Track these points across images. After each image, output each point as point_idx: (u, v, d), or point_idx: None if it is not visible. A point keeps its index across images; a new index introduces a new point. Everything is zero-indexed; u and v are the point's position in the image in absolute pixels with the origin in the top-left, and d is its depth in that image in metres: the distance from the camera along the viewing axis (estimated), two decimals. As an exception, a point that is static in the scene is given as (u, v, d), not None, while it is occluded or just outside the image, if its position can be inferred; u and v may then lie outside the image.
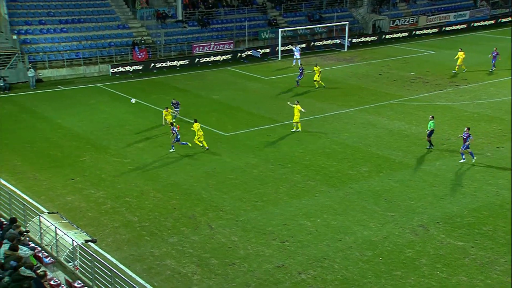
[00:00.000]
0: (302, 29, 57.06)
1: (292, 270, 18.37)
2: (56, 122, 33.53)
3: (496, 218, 21.63)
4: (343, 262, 18.76)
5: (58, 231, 16.69)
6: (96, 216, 22.08)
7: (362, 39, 58.78)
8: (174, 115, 32.36)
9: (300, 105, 31.11)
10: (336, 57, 52.46)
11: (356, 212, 22.25)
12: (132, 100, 28.56)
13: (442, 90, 40.10)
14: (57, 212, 19.83)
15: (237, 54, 51.39)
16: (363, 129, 31.98)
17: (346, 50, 55.06)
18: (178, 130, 28.08)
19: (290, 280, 17.86)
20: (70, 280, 15.18)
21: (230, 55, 51.07)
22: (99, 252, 18.90)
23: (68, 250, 16.54)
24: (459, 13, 67.30)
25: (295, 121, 31.20)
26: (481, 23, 67.26)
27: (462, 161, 26.81)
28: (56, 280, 14.61)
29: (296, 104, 31.19)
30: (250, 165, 26.95)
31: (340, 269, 18.40)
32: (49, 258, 16.16)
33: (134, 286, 14.01)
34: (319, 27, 57.93)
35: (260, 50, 52.38)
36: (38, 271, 13.78)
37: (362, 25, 61.94)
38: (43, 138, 30.79)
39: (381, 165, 26.79)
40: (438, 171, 26.16)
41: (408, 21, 63.94)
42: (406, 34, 61.76)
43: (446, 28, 64.66)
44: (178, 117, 32.76)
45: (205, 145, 28.55)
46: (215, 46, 51.50)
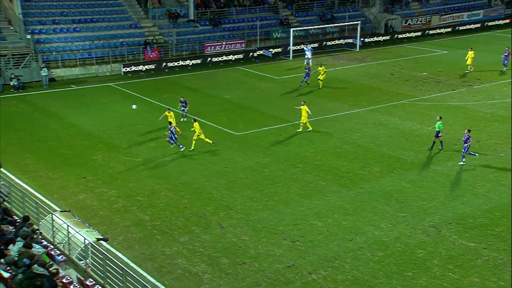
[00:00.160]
0: (314, 28, 56.93)
1: (302, 270, 18.35)
2: (69, 121, 33.76)
3: (509, 219, 21.43)
4: (353, 262, 18.71)
5: (70, 230, 16.76)
6: (108, 214, 22.19)
7: (375, 38, 58.56)
8: (184, 113, 32.39)
9: (306, 106, 31.20)
10: (347, 56, 52.29)
11: (367, 212, 22.18)
12: (133, 106, 28.69)
13: (454, 90, 39.85)
14: (69, 211, 19.88)
15: (248, 54, 51.42)
16: (374, 129, 31.87)
17: (357, 49, 54.87)
18: (177, 133, 28.28)
19: (301, 280, 17.84)
20: (82, 278, 15.22)
21: (241, 54, 51.10)
22: (110, 250, 19.02)
23: (80, 248, 16.61)
24: (473, 12, 66.79)
25: (302, 121, 31.25)
26: (496, 23, 66.63)
27: (461, 163, 26.62)
28: (68, 278, 14.70)
29: (302, 104, 31.28)
30: (261, 164, 26.96)
31: (351, 269, 18.35)
32: (61, 256, 16.22)
33: (145, 285, 14.03)
34: (330, 27, 57.77)
35: (272, 50, 52.36)
36: (50, 269, 13.90)
37: (374, 24, 61.68)
38: (56, 137, 31.01)
39: (393, 165, 26.69)
40: (450, 171, 26.01)
41: (421, 21, 63.56)
42: (419, 33, 61.41)
43: (459, 28, 64.17)
44: (187, 115, 32.78)
45: (204, 141, 28.58)
46: (227, 46, 51.55)
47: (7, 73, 40.83)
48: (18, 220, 17.08)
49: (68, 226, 16.86)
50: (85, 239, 16.37)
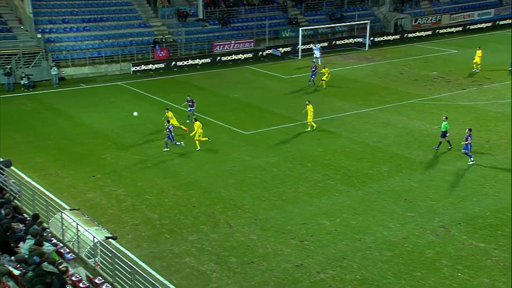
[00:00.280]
0: (323, 28, 56.81)
1: (311, 270, 18.32)
2: (78, 119, 33.89)
3: (519, 219, 21.31)
4: (362, 262, 18.67)
5: (79, 228, 16.84)
6: (117, 213, 22.27)
7: (384, 37, 58.34)
8: (190, 113, 32.35)
9: (311, 105, 31.24)
10: (357, 56, 52.13)
11: (376, 212, 22.12)
12: (134, 113, 28.76)
13: (465, 89, 39.63)
14: (78, 209, 19.97)
15: (257, 53, 51.41)
16: (383, 128, 31.78)
17: (367, 49, 54.68)
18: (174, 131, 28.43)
19: (309, 280, 17.82)
20: (91, 276, 15.26)
21: (250, 54, 51.09)
22: (119, 249, 19.05)
23: (89, 247, 16.69)
24: (484, 11, 66.30)
25: (309, 121, 31.26)
26: (507, 22, 66.00)
27: (471, 162, 26.48)
28: (77, 276, 14.71)
29: (307, 104, 31.32)
30: (269, 164, 26.95)
31: (359, 269, 18.31)
32: (70, 254, 16.25)
33: (153, 283, 14.02)
34: (340, 26, 57.63)
35: (282, 49, 52.33)
36: (60, 266, 13.95)
37: (384, 23, 61.44)
38: (65, 135, 31.13)
39: (401, 165, 26.59)
40: (459, 171, 25.88)
41: (431, 20, 63.22)
42: (430, 32, 61.09)
43: (470, 27, 63.74)
44: (195, 114, 32.73)
45: (198, 143, 28.61)
46: (236, 45, 51.56)
47: (17, 72, 41.10)
48: (28, 218, 17.16)
49: (77, 224, 16.94)
50: (94, 237, 16.40)
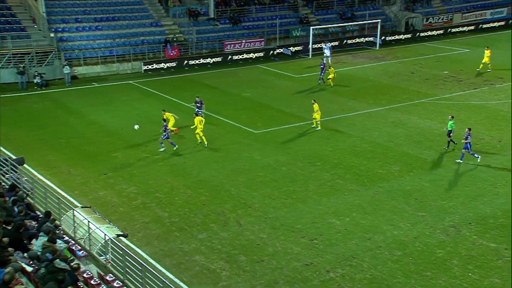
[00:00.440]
0: (334, 27, 56.70)
1: (320, 268, 18.34)
2: (90, 118, 34.11)
3: (530, 220, 21.18)
4: (372, 261, 18.65)
5: (91, 225, 16.94)
6: (128, 211, 22.40)
7: (396, 36, 58.09)
8: (199, 113, 32.32)
9: (317, 104, 31.34)
10: (367, 55, 51.95)
11: (386, 211, 22.08)
12: (136, 126, 28.89)
13: (476, 89, 39.39)
14: (90, 207, 20.13)
15: (268, 52, 51.45)
16: (394, 128, 31.68)
17: (377, 48, 54.48)
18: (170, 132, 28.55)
19: (319, 278, 17.83)
20: (102, 273, 15.36)
21: (261, 53, 51.13)
22: (130, 246, 19.11)
23: (100, 244, 16.75)
24: (496, 10, 65.72)
25: (317, 119, 31.37)
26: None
27: (478, 159, 26.36)
28: (89, 273, 14.82)
29: (313, 103, 31.40)
30: (279, 162, 26.97)
31: (369, 268, 18.30)
32: (82, 251, 16.37)
33: (164, 281, 14.06)
34: (350, 25, 57.48)
35: (293, 48, 52.31)
36: (72, 263, 14.03)
37: (395, 23, 61.15)
38: (77, 133, 31.33)
39: (412, 164, 26.51)
40: (470, 171, 25.77)
41: (442, 19, 62.80)
42: (441, 32, 60.74)
43: (482, 26, 63.27)
44: (204, 112, 32.76)
45: (199, 139, 29.04)
46: (246, 44, 51.62)
47: (31, 71, 41.48)
48: (40, 216, 17.29)
49: (88, 222, 17.04)
50: (105, 235, 16.49)
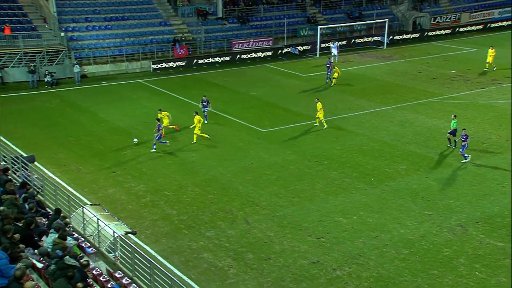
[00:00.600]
0: (341, 26, 56.70)
1: (327, 266, 18.42)
2: (99, 116, 34.31)
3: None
4: (378, 260, 18.71)
5: (100, 223, 17.08)
6: (136, 208, 22.57)
7: (404, 36, 58.01)
8: (205, 113, 32.37)
9: (320, 103, 31.48)
10: (375, 54, 51.90)
11: (393, 210, 22.14)
12: (135, 140, 28.98)
13: (483, 88, 39.31)
14: (99, 204, 20.26)
15: (276, 51, 51.53)
16: (401, 127, 31.71)
17: (385, 47, 54.42)
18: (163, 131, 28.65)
19: (325, 276, 17.91)
20: (111, 270, 15.49)
21: (269, 52, 51.23)
22: (138, 244, 19.33)
23: (109, 241, 16.91)
24: (504, 9, 65.37)
25: (321, 118, 31.48)
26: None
27: (465, 161, 26.43)
28: (98, 269, 14.98)
29: (316, 101, 31.60)
30: (287, 161, 27.08)
31: (376, 266, 18.37)
32: (91, 248, 16.51)
33: (172, 278, 14.21)
34: (358, 25, 57.47)
35: (301, 47, 52.39)
36: (81, 260, 14.18)
37: (402, 22, 61.03)
38: (87, 131, 31.54)
39: (419, 163, 26.54)
40: (478, 170, 25.77)
41: (450, 18, 62.58)
42: (449, 31, 60.56)
43: (491, 25, 63.00)
44: (211, 110, 32.80)
45: (195, 138, 29.35)
46: (254, 43, 51.76)
47: (41, 70, 41.84)
48: (50, 213, 17.41)
49: (98, 219, 17.17)
50: (114, 232, 16.64)
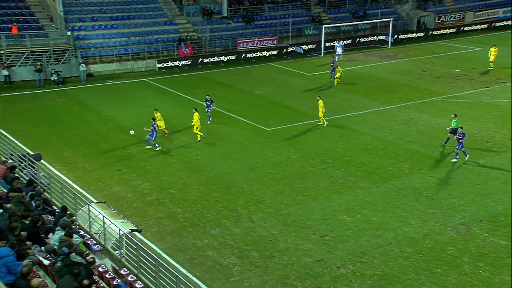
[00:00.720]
0: (346, 25, 56.73)
1: (331, 264, 18.48)
2: (105, 115, 34.48)
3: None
4: (382, 258, 18.77)
5: (105, 220, 17.19)
6: (142, 206, 22.69)
7: (408, 35, 57.97)
8: (208, 113, 32.47)
9: (322, 101, 31.59)
10: (379, 53, 51.92)
11: (397, 208, 22.20)
12: (131, 132, 29.09)
13: (488, 87, 39.28)
14: (105, 202, 20.40)
15: (281, 50, 51.61)
16: (405, 126, 31.75)
17: (389, 46, 54.44)
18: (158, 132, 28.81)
19: (329, 274, 17.98)
20: (117, 268, 15.58)
21: (274, 51, 51.31)
22: (144, 241, 19.44)
23: (115, 239, 17.01)
24: (508, 8, 65.18)
25: (320, 115, 31.62)
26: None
27: (454, 160, 26.44)
28: (104, 267, 15.05)
29: (318, 99, 31.70)
30: (291, 159, 27.16)
31: (380, 264, 18.43)
32: (97, 245, 16.61)
33: (177, 275, 14.27)
34: (362, 24, 57.49)
35: (306, 46, 52.46)
36: (87, 257, 14.26)
37: (407, 21, 61.00)
38: (93, 130, 31.70)
39: (423, 162, 26.58)
40: (482, 169, 25.79)
41: (454, 17, 62.47)
42: (454, 30, 60.49)
43: (496, 24, 62.86)
44: (215, 109, 32.82)
45: (198, 137, 29.59)
46: (259, 42, 51.87)
47: (48, 69, 42.08)
48: (57, 210, 17.53)
49: (104, 217, 17.27)
50: (119, 230, 16.73)
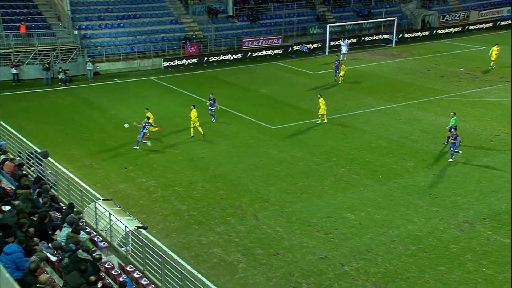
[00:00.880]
0: (350, 24, 56.79)
1: (335, 262, 18.56)
2: (111, 113, 34.60)
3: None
4: (386, 256, 18.84)
5: (112, 217, 17.28)
6: (147, 204, 22.83)
7: (413, 34, 57.98)
8: (212, 112, 32.56)
9: (323, 99, 31.78)
10: (383, 52, 51.95)
11: (400, 206, 22.28)
12: (125, 125, 29.16)
13: (492, 86, 39.27)
14: (111, 199, 20.58)
15: (287, 49, 51.70)
16: (409, 124, 31.81)
17: (393, 45, 54.46)
18: (148, 130, 28.90)
19: (333, 272, 18.06)
20: (123, 264, 15.73)
21: (279, 50, 51.41)
22: (149, 238, 19.56)
23: (121, 236, 17.12)
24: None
25: (320, 113, 31.79)
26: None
27: (450, 160, 26.52)
28: (110, 263, 15.20)
29: (319, 97, 31.90)
30: (295, 158, 27.27)
31: (383, 262, 18.50)
32: (103, 242, 16.71)
33: (182, 272, 14.40)
34: (367, 23, 57.52)
35: (311, 45, 52.56)
36: (94, 254, 14.38)
37: (411, 20, 61.00)
38: (99, 128, 31.83)
39: (427, 161, 26.65)
40: (485, 167, 25.84)
41: (459, 16, 62.39)
42: (459, 29, 60.43)
43: (501, 23, 62.73)
44: (220, 107, 32.90)
45: (192, 132, 29.88)
46: (264, 41, 52.01)
47: (55, 67, 42.32)
48: (64, 207, 17.64)
49: (110, 214, 17.36)
50: (126, 227, 16.89)
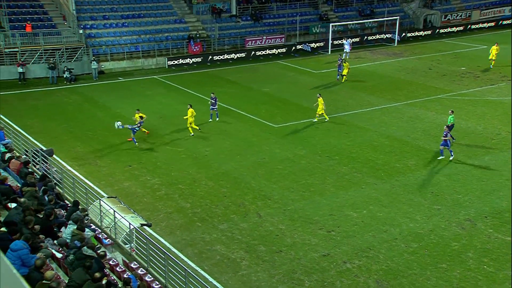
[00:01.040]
0: (353, 23, 56.89)
1: (337, 259, 18.67)
2: (116, 111, 34.72)
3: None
4: (388, 253, 18.94)
5: (116, 215, 17.42)
6: (151, 201, 22.97)
7: (416, 33, 58.04)
8: (213, 111, 32.69)
9: (322, 98, 31.92)
10: (385, 51, 52.02)
11: (402, 204, 22.39)
12: (118, 123, 29.21)
13: (493, 85, 39.32)
14: (115, 197, 20.70)
15: (290, 48, 51.82)
16: (411, 123, 31.92)
17: (396, 44, 54.53)
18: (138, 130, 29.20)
19: (335, 269, 18.16)
20: (127, 261, 15.87)
21: (282, 49, 51.53)
22: (153, 235, 19.74)
23: (125, 233, 17.28)
24: (512, 7, 65.18)
25: (318, 112, 31.91)
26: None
27: (450, 158, 26.62)
28: (114, 260, 15.37)
29: (318, 97, 32.03)
30: (298, 156, 27.39)
31: (385, 259, 18.59)
32: (108, 239, 16.87)
33: (185, 269, 14.53)
34: (369, 22, 57.60)
35: (314, 44, 52.68)
36: (98, 251, 14.54)
37: (413, 19, 61.06)
38: (104, 126, 31.93)
39: (428, 159, 26.76)
40: (487, 165, 25.94)
41: (461, 16, 62.42)
42: (461, 28, 60.46)
43: (503, 22, 62.78)
44: (220, 107, 33.05)
45: (191, 131, 30.10)
46: (267, 40, 52.16)
47: (61, 66, 42.56)
48: (69, 205, 17.83)
49: (114, 211, 17.50)
50: (130, 224, 17.04)
